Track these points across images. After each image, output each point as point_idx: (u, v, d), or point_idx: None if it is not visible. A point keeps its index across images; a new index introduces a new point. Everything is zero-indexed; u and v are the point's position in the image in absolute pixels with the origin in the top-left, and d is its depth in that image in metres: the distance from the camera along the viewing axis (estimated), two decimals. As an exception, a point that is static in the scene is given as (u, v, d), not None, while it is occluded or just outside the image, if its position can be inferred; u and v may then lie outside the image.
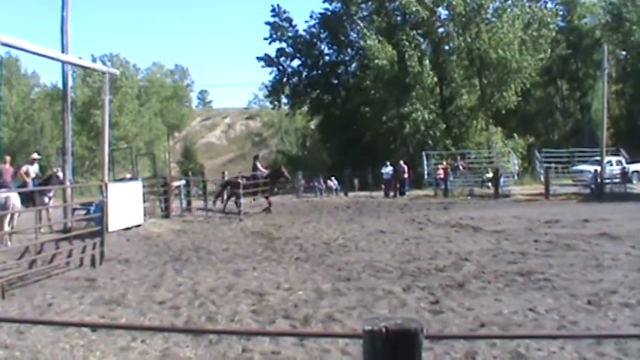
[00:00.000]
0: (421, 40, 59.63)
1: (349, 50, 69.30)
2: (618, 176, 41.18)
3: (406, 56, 53.38)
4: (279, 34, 68.84)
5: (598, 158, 41.17)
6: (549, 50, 56.34)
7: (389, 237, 20.44)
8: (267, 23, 68.81)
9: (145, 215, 23.44)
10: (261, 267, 15.10)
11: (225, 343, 8.67)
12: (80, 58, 25.49)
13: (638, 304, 10.51)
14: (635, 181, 42.35)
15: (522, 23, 53.67)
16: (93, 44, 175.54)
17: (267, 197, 31.06)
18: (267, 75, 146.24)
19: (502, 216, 26.26)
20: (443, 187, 41.19)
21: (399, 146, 59.76)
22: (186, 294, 12.14)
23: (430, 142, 53.19)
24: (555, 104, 73.26)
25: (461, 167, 45.36)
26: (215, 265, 15.52)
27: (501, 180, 40.17)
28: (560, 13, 65.84)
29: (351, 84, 66.44)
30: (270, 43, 69.70)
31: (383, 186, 43.04)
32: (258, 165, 32.42)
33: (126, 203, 21.16)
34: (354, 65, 69.11)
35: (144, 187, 24.64)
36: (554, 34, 57.93)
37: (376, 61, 53.82)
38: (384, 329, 2.92)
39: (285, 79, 70.62)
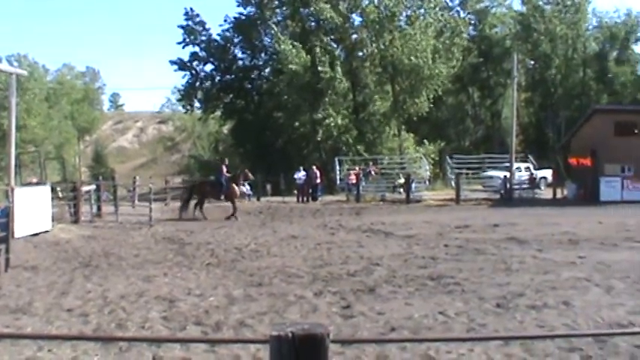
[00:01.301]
0: (335, 45, 60.01)
1: (263, 55, 69.05)
2: (527, 182, 42.30)
3: (317, 61, 53.58)
4: (192, 37, 68.09)
5: (507, 164, 42.07)
6: (461, 58, 57.27)
7: (301, 242, 20.50)
8: (181, 27, 68.07)
9: (53, 221, 22.98)
10: (172, 273, 14.97)
11: (135, 351, 8.57)
12: (-15, 58, 24.78)
13: (544, 306, 10.80)
14: (542, 187, 43.46)
15: (435, 31, 54.47)
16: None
17: (232, 202, 31.04)
18: (179, 79, 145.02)
19: (413, 221, 26.58)
20: (355, 192, 41.39)
21: (312, 151, 59.84)
22: (95, 301, 11.94)
23: (343, 147, 53.42)
24: (466, 111, 74.45)
25: (373, 173, 45.69)
26: (125, 272, 15.30)
27: (413, 185, 40.68)
28: (472, 22, 67.21)
29: (264, 89, 66.41)
30: (183, 47, 68.83)
31: (295, 191, 43.06)
32: (224, 169, 32.18)
33: (33, 208, 20.70)
34: (267, 70, 68.83)
35: (52, 191, 24.13)
36: (466, 42, 59.12)
37: (290, 66, 53.72)
38: (290, 334, 2.93)
39: (198, 83, 69.88)
